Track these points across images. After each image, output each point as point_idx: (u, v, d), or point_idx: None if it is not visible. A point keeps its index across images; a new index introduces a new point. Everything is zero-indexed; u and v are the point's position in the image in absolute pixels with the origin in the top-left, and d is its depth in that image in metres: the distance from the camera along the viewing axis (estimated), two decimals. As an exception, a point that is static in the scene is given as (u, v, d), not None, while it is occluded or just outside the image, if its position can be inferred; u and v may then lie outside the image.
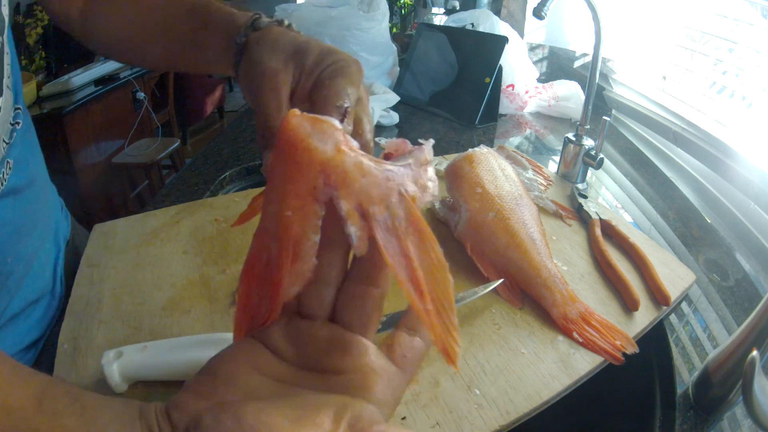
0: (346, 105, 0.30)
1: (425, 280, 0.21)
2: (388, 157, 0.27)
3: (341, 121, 0.29)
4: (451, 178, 0.60)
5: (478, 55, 1.10)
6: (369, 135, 0.32)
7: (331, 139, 0.21)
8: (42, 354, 0.47)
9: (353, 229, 0.21)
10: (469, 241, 0.54)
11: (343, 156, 0.21)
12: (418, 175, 0.24)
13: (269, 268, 0.22)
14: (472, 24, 1.23)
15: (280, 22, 0.36)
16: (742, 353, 0.38)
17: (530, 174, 0.67)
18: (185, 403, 0.20)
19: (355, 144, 0.22)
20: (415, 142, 0.26)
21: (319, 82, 0.32)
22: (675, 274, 0.53)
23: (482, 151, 0.62)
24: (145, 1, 0.42)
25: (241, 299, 0.23)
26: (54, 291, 0.52)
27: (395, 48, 1.33)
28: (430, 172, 0.25)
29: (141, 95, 2.41)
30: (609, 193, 0.80)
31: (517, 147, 0.99)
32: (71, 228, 0.59)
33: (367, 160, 0.22)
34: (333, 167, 0.21)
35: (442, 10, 1.87)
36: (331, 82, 0.31)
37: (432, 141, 0.26)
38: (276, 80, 0.32)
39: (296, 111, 0.22)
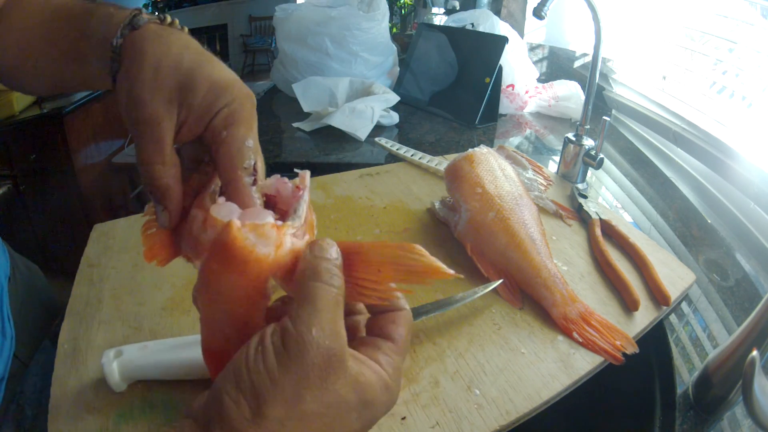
0: (253, 163, 0.28)
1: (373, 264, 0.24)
2: (270, 199, 0.29)
3: (254, 182, 0.28)
4: (451, 178, 0.60)
5: (478, 55, 1.10)
6: (262, 177, 0.29)
7: (271, 239, 0.24)
8: (6, 397, 0.44)
9: None
10: (469, 241, 0.54)
11: (283, 249, 0.24)
12: (311, 218, 0.27)
13: (230, 344, 0.24)
14: (472, 24, 1.23)
15: (162, 20, 0.32)
16: (742, 353, 0.38)
17: (530, 174, 0.67)
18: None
19: (273, 219, 0.24)
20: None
21: (214, 133, 0.29)
22: (675, 274, 0.53)
23: (482, 151, 0.61)
24: (32, 21, 0.37)
25: (213, 371, 0.25)
26: (4, 331, 0.50)
27: (395, 48, 1.33)
28: (312, 211, 0.28)
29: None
30: (609, 193, 0.80)
31: (517, 147, 0.99)
32: (11, 262, 0.57)
33: (291, 238, 0.25)
34: (277, 267, 0.24)
35: (442, 10, 1.87)
36: (229, 136, 0.28)
37: (308, 171, 0.28)
38: (159, 130, 0.28)
39: (235, 221, 0.23)
